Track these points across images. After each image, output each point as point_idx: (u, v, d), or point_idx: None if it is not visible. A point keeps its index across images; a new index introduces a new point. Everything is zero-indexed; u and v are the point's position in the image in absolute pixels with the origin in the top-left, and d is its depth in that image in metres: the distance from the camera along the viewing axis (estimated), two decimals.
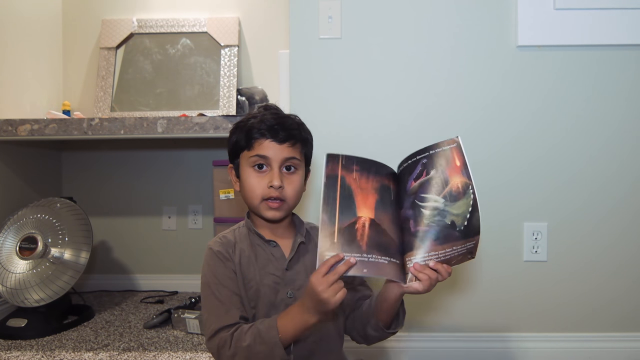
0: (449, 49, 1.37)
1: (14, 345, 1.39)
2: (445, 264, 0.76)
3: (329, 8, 1.36)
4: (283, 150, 0.87)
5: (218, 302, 0.85)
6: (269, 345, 0.77)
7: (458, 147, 0.80)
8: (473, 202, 0.75)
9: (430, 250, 0.77)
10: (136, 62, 2.03)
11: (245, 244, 0.90)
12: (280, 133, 0.87)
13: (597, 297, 1.37)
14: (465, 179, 0.77)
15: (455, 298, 1.38)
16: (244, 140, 0.89)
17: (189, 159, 2.09)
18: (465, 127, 1.36)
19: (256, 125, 0.87)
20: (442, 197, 0.78)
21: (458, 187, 0.77)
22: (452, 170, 0.78)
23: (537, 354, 1.36)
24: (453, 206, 0.77)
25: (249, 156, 0.88)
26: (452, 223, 0.76)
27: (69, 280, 1.52)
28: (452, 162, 0.79)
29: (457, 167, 0.78)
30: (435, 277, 0.76)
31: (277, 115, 0.90)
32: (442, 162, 0.79)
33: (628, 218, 1.36)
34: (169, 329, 1.54)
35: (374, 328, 0.86)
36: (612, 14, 1.33)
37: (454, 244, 0.76)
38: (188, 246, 2.06)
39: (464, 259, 0.78)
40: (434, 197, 0.78)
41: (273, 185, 0.85)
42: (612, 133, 1.35)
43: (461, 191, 0.77)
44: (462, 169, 0.78)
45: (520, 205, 1.37)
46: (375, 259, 0.74)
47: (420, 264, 0.76)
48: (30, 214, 1.57)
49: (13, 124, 1.46)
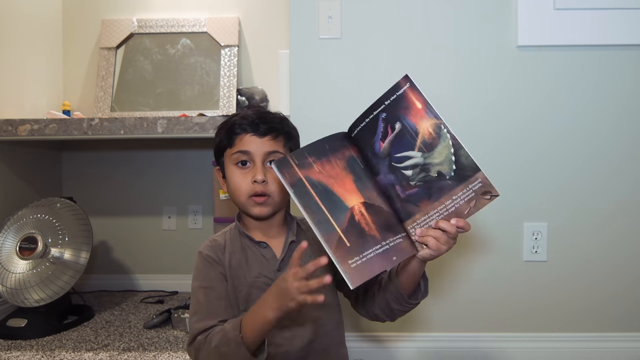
0: (448, 49, 1.36)
1: (14, 345, 1.39)
2: (457, 217, 0.70)
3: (329, 8, 1.36)
4: (264, 143, 0.85)
5: (201, 306, 0.83)
6: (232, 345, 0.73)
7: (412, 86, 0.71)
8: (452, 140, 0.67)
9: (429, 210, 0.69)
10: (136, 62, 2.03)
11: (235, 246, 0.89)
12: (261, 126, 0.85)
13: (597, 297, 1.37)
14: (433, 120, 0.69)
15: (455, 298, 1.38)
16: (226, 139, 0.88)
17: (189, 159, 2.09)
18: (465, 127, 1.36)
19: (237, 122, 0.87)
20: (417, 150, 0.69)
21: (430, 132, 0.68)
22: (416, 116, 0.70)
23: (537, 354, 1.36)
24: (432, 156, 0.68)
25: (231, 153, 0.87)
26: (440, 174, 0.68)
27: (69, 280, 1.52)
28: (413, 106, 0.70)
29: (419, 110, 0.69)
30: (444, 236, 0.70)
31: (259, 111, 0.89)
32: (402, 109, 0.70)
33: (628, 218, 1.36)
34: (169, 329, 1.54)
35: (397, 301, 0.82)
36: (612, 14, 1.33)
37: (452, 194, 0.68)
38: (188, 246, 2.06)
39: (480, 202, 0.69)
40: (409, 154, 0.70)
41: (256, 180, 0.83)
42: (612, 133, 1.35)
43: (434, 135, 0.68)
44: (425, 109, 0.69)
45: (520, 205, 1.36)
46: (394, 242, 0.69)
47: (422, 229, 0.71)
48: (30, 214, 1.57)
49: (13, 124, 1.46)
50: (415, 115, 0.70)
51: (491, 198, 0.68)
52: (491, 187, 0.67)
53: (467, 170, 0.67)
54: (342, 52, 1.37)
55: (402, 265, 0.79)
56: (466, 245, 1.36)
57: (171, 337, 1.46)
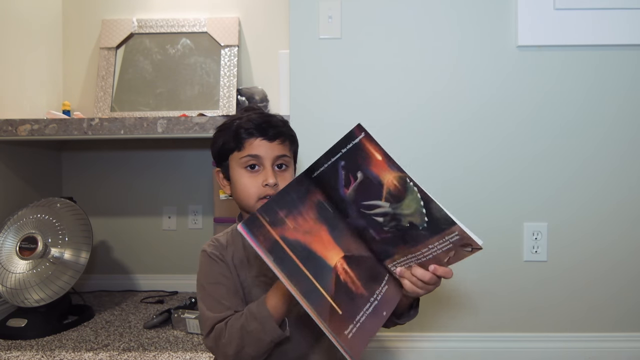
0: (448, 49, 1.36)
1: (14, 345, 1.39)
2: (436, 264, 0.67)
3: (329, 8, 1.36)
4: (274, 148, 0.87)
5: (213, 300, 0.84)
6: (260, 320, 0.73)
7: (368, 137, 0.65)
8: (420, 194, 0.62)
9: (406, 253, 0.67)
10: (136, 62, 2.03)
11: (237, 246, 0.90)
12: (270, 131, 0.86)
13: (597, 296, 1.37)
14: (396, 173, 0.64)
15: (455, 298, 1.38)
16: (233, 142, 0.87)
17: (189, 159, 2.09)
18: (466, 127, 1.36)
19: (244, 125, 0.87)
20: (384, 201, 0.65)
21: (395, 184, 0.64)
22: (378, 167, 0.65)
23: (537, 354, 1.35)
24: (401, 207, 0.64)
25: (239, 157, 0.87)
26: (412, 224, 0.64)
27: (69, 280, 1.52)
28: (372, 157, 0.65)
29: (379, 161, 0.64)
30: (419, 282, 0.68)
31: (263, 114, 0.90)
32: (361, 159, 0.65)
33: (628, 218, 1.36)
34: (169, 329, 1.54)
35: (389, 320, 0.81)
36: (612, 14, 1.33)
37: (428, 243, 0.64)
38: (188, 246, 2.06)
39: (460, 254, 0.65)
40: (377, 203, 0.66)
41: (268, 183, 0.84)
42: (612, 133, 1.35)
43: (400, 188, 0.63)
44: (387, 162, 0.64)
45: (520, 205, 1.36)
46: (380, 292, 0.66)
47: (401, 269, 0.69)
48: (30, 214, 1.57)
49: (13, 124, 1.46)
50: (376, 166, 0.65)
51: (472, 250, 0.63)
52: (471, 240, 0.61)
53: (442, 223, 0.62)
54: (342, 52, 1.37)
55: None
56: None
57: (171, 337, 1.45)
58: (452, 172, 1.37)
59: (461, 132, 1.36)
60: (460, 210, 1.35)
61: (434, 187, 1.36)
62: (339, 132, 0.65)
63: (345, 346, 0.58)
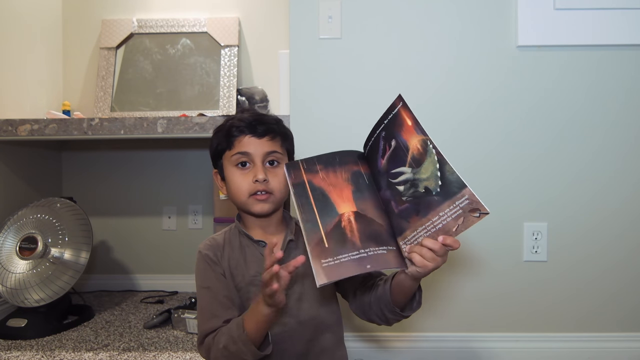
0: (449, 49, 1.36)
1: (14, 345, 1.39)
2: (444, 234, 0.69)
3: (329, 8, 1.36)
4: (263, 144, 0.88)
5: (205, 307, 0.87)
6: (239, 343, 0.77)
7: (404, 106, 0.73)
8: (438, 156, 0.68)
9: (417, 227, 0.70)
10: (136, 62, 2.03)
11: (234, 245, 0.91)
12: (259, 127, 0.88)
13: (597, 296, 1.37)
14: (421, 136, 0.71)
15: (454, 298, 1.38)
16: (225, 141, 0.90)
17: (189, 159, 2.09)
18: (465, 127, 1.36)
19: (235, 124, 0.89)
20: (408, 166, 0.72)
21: (418, 148, 0.70)
22: (407, 133, 0.72)
23: (537, 354, 1.35)
24: (420, 171, 0.70)
25: (230, 155, 0.89)
26: (427, 189, 0.69)
27: (69, 280, 1.52)
28: (405, 124, 0.73)
29: (409, 127, 0.72)
30: (429, 253, 0.70)
31: (255, 113, 0.92)
32: (397, 127, 0.73)
33: (628, 217, 1.36)
34: (169, 329, 1.54)
35: (391, 312, 0.83)
36: (612, 14, 1.33)
37: (438, 211, 0.68)
38: (188, 246, 2.06)
39: (468, 220, 0.67)
40: (402, 170, 0.72)
41: (258, 179, 0.85)
42: (612, 133, 1.35)
43: (422, 151, 0.70)
44: (415, 126, 0.72)
45: (520, 205, 1.36)
46: (374, 251, 0.71)
47: (410, 245, 0.72)
48: (30, 214, 1.57)
49: (13, 124, 1.46)
50: (406, 132, 0.73)
51: (480, 216, 0.66)
52: (479, 205, 0.65)
53: (453, 186, 0.66)
54: (342, 52, 1.37)
55: (395, 280, 0.81)
56: (466, 245, 1.36)
57: (171, 337, 1.45)
58: None
59: (461, 131, 1.36)
60: None
61: None
62: (339, 132, 0.66)
63: (316, 270, 0.68)
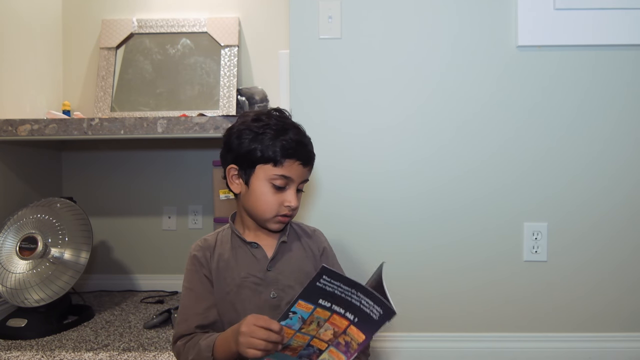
0: (449, 49, 1.36)
1: (14, 345, 1.39)
2: None
3: (329, 8, 1.36)
4: (305, 173, 0.89)
5: (182, 308, 0.88)
6: None
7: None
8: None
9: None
10: (136, 62, 2.03)
11: (226, 246, 0.90)
12: (306, 156, 0.87)
13: (597, 297, 1.37)
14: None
15: (454, 298, 1.38)
16: (272, 156, 0.84)
17: (189, 159, 2.09)
18: (465, 127, 1.36)
19: (289, 146, 0.84)
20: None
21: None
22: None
23: (537, 354, 1.35)
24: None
25: (273, 172, 0.85)
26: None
27: (69, 280, 1.52)
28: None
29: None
30: None
31: (299, 132, 0.88)
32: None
33: (628, 217, 1.36)
34: (169, 329, 1.54)
35: None
36: (612, 14, 1.33)
37: None
38: (188, 246, 2.01)
39: None
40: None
41: (290, 205, 0.86)
42: (612, 133, 1.35)
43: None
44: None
45: (520, 205, 1.36)
46: None
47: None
48: (30, 214, 1.57)
49: (13, 124, 1.46)
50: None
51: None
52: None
53: None
54: (342, 52, 1.37)
55: None
56: (466, 245, 1.36)
57: (171, 337, 1.45)
58: (452, 172, 1.36)
59: (461, 132, 1.36)
60: (461, 210, 1.35)
61: (435, 187, 1.36)
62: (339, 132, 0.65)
63: None
